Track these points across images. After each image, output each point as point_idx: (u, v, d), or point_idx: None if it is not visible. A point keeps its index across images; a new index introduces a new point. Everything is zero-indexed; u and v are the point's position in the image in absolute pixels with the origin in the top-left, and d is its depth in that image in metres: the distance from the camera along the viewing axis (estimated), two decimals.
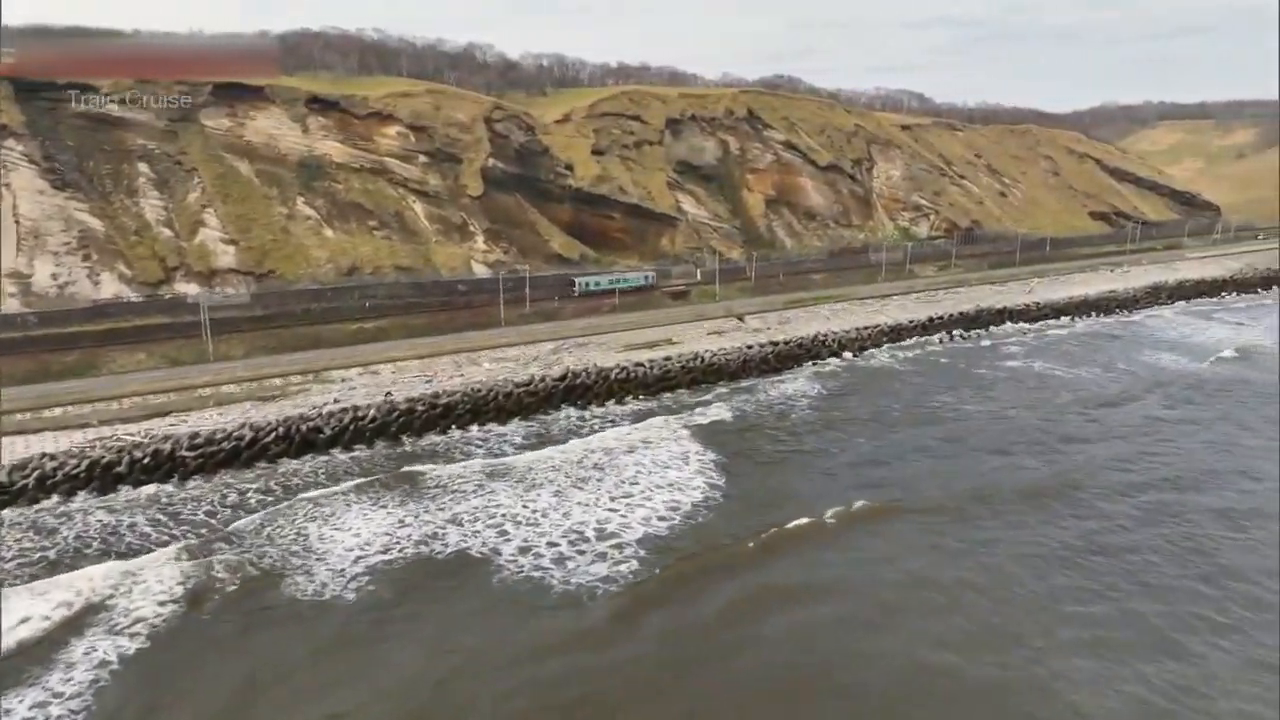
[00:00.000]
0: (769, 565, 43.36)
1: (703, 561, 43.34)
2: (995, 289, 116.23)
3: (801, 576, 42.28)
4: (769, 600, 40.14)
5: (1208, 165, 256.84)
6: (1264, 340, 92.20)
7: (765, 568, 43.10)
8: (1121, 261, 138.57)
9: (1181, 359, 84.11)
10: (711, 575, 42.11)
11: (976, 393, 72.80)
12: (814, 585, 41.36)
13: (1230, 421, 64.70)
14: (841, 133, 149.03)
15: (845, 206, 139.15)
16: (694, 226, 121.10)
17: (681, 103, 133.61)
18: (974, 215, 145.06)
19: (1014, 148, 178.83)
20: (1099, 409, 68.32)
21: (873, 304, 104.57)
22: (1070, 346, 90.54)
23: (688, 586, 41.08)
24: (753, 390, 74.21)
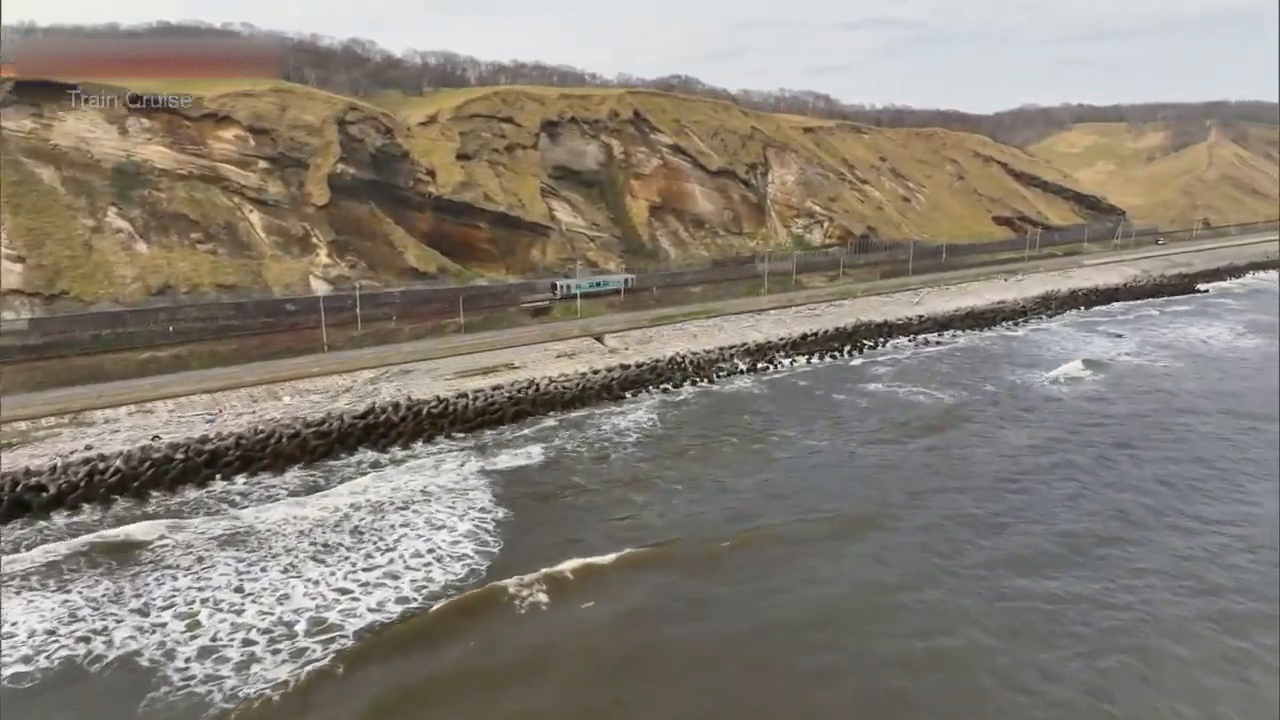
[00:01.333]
0: (485, 653, 36.50)
1: (414, 663, 36.05)
2: (882, 300, 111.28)
3: (504, 658, 35.78)
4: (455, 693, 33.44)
5: (1120, 167, 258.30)
6: (1132, 355, 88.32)
7: (480, 654, 36.21)
8: (1018, 269, 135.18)
9: (1045, 379, 79.33)
10: (411, 670, 34.97)
11: (825, 424, 66.70)
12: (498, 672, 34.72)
13: (1058, 453, 59.64)
14: (736, 136, 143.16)
15: (737, 213, 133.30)
16: (568, 236, 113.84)
17: (561, 104, 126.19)
18: (871, 222, 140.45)
19: (920, 151, 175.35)
20: (947, 440, 62.71)
21: (748, 320, 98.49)
22: (943, 366, 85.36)
23: (371, 688, 33.97)
24: (583, 424, 67.14)
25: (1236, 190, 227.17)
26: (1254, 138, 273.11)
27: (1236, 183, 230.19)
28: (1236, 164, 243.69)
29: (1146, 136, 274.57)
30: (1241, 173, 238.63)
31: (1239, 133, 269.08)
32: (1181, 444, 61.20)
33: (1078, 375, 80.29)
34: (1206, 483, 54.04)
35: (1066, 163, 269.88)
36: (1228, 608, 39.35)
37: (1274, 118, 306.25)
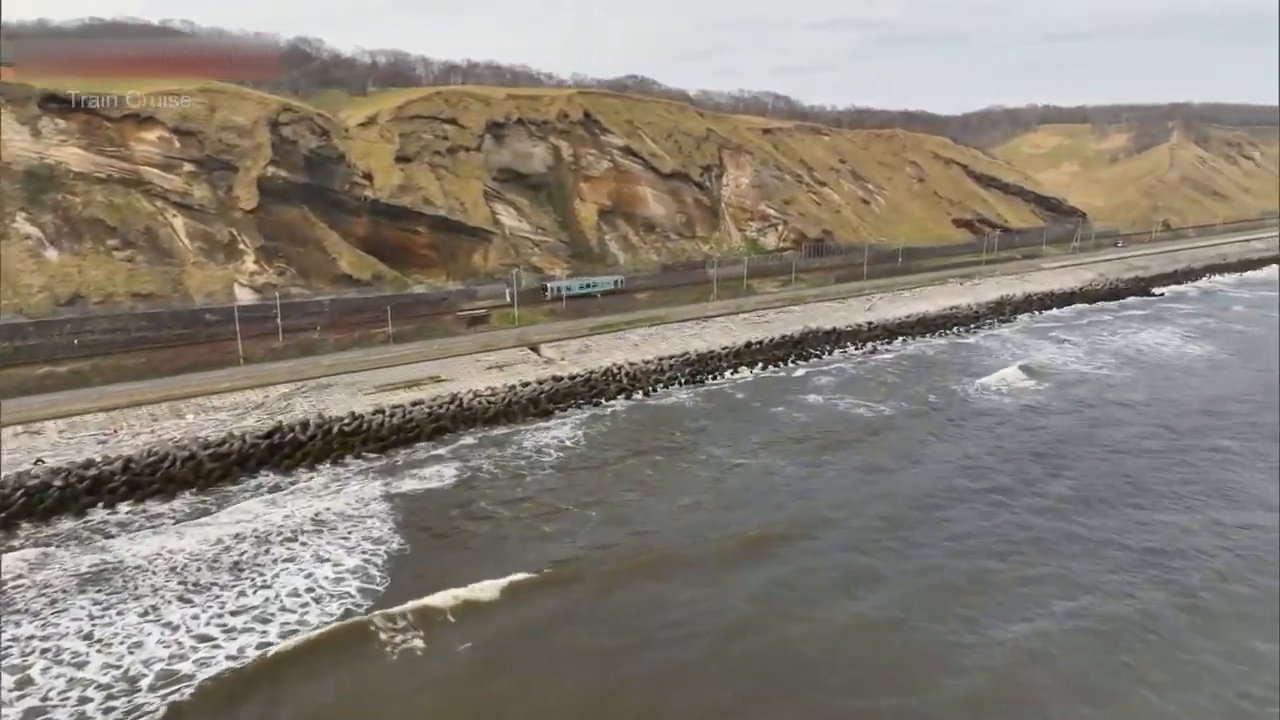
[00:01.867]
0: (336, 706, 33.38)
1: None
2: (834, 306, 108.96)
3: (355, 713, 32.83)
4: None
5: (1084, 169, 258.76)
6: (1079, 363, 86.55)
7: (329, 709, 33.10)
8: (975, 273, 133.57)
9: (988, 390, 77.22)
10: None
11: (756, 441, 64.01)
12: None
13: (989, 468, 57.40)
14: (691, 138, 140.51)
15: (689, 217, 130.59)
16: (512, 241, 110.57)
17: (508, 105, 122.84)
18: (827, 225, 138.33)
19: (880, 153, 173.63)
20: (875, 458, 60.26)
21: (693, 327, 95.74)
22: (889, 375, 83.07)
23: None
24: (505, 441, 64.01)
25: (1196, 192, 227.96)
26: (1215, 139, 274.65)
27: (1197, 184, 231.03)
28: (1197, 165, 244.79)
29: (1110, 138, 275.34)
30: (1202, 174, 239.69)
31: (1200, 134, 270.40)
32: (1112, 461, 59.13)
33: (1021, 385, 78.38)
34: (1131, 504, 51.91)
35: (1032, 164, 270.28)
36: (1125, 662, 36.92)
37: (1234, 119, 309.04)
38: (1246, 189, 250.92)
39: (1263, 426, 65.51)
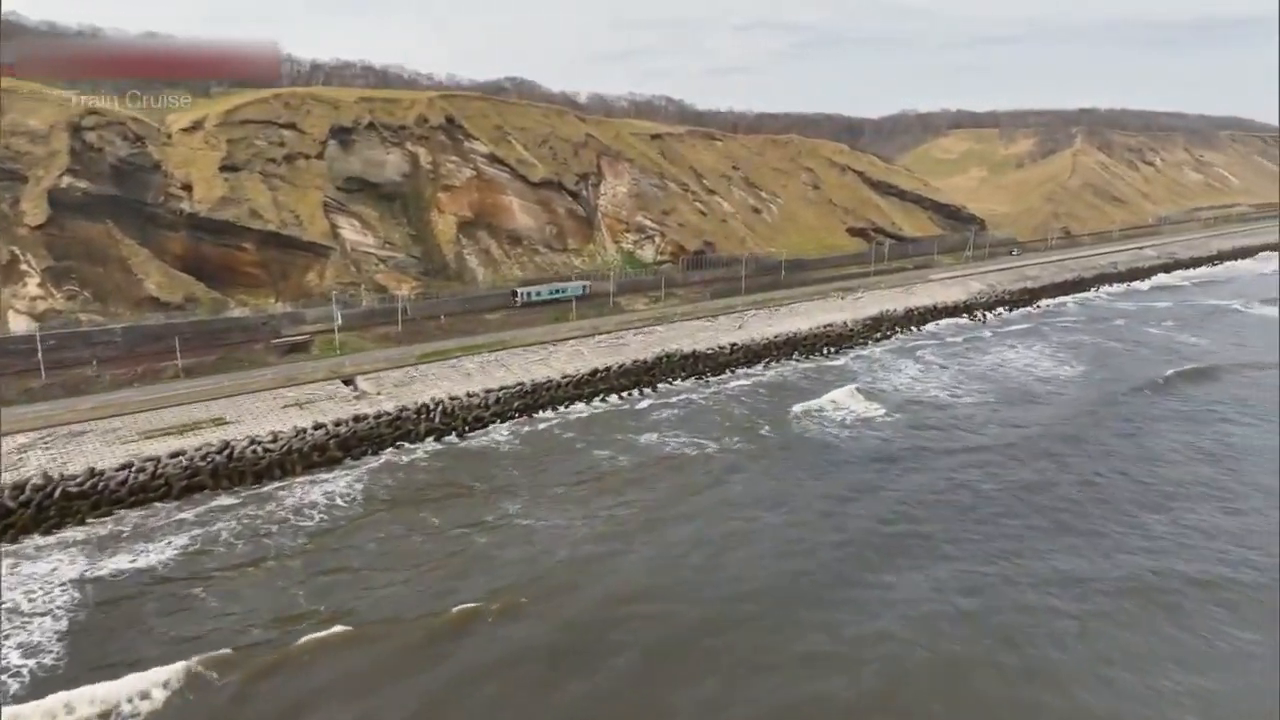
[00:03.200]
0: None
1: None
2: (701, 325, 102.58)
3: None
4: None
5: (991, 174, 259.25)
6: (941, 388, 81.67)
7: None
8: (861, 285, 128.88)
9: (833, 423, 71.51)
10: None
11: (559, 494, 56.87)
12: None
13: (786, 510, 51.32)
14: (569, 144, 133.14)
15: (561, 229, 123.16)
16: (353, 257, 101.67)
17: (358, 108, 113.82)
18: (709, 236, 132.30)
19: (776, 159, 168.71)
20: (675, 511, 53.62)
21: (540, 352, 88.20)
22: (736, 407, 76.88)
23: None
24: (269, 499, 55.67)
25: (1097, 198, 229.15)
26: (1118, 144, 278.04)
27: (1098, 190, 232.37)
28: (1099, 171, 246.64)
29: (1017, 143, 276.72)
30: (1103, 180, 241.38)
31: (1104, 140, 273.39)
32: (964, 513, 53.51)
33: (867, 415, 72.91)
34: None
35: (941, 169, 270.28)
36: None
37: (1138, 125, 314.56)
38: (1146, 194, 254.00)
39: (1077, 486, 59.78)
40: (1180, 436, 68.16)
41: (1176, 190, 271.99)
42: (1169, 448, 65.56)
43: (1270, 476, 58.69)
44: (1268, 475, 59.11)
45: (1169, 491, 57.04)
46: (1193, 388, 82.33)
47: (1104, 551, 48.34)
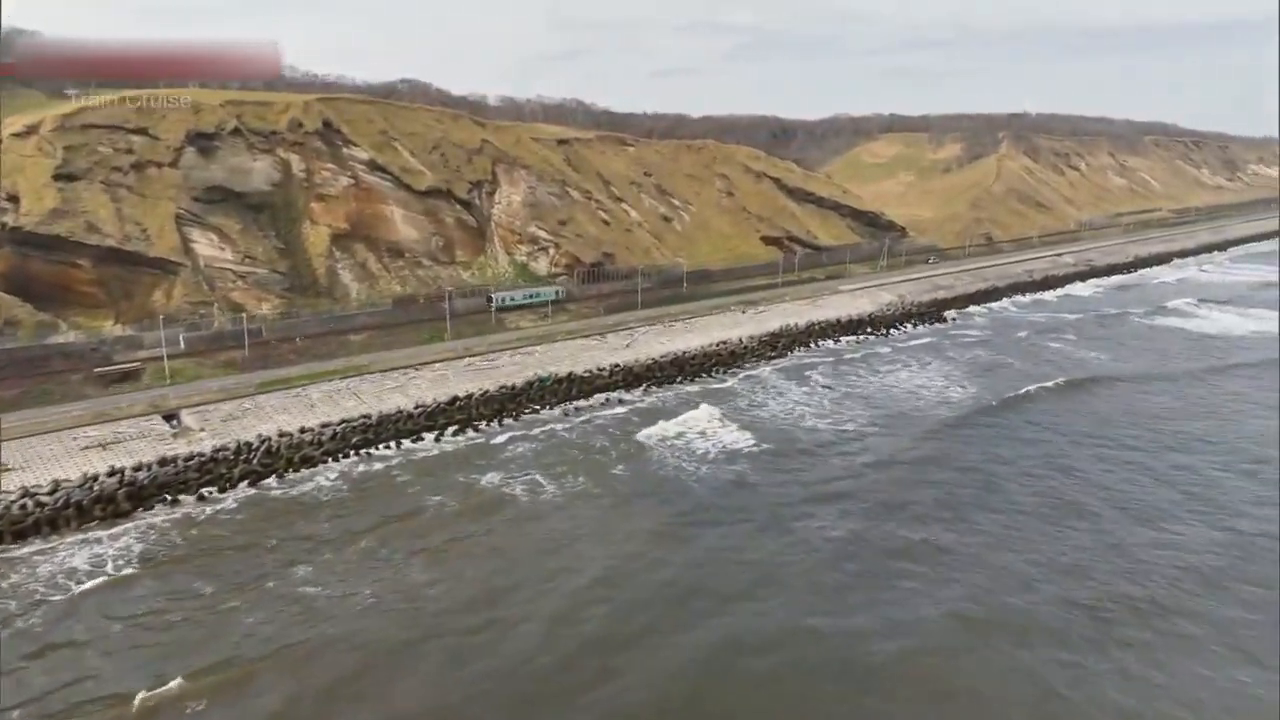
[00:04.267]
0: None
1: None
2: (587, 344, 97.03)
3: None
4: None
5: (919, 179, 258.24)
6: (820, 415, 77.19)
7: None
8: (768, 297, 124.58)
9: (695, 458, 66.48)
10: None
11: (362, 549, 50.75)
12: None
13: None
14: (462, 150, 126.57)
15: (449, 240, 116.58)
16: (207, 274, 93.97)
17: (221, 112, 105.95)
18: (610, 246, 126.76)
19: (689, 165, 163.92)
20: (500, 580, 47.97)
21: (399, 378, 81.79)
22: (600, 439, 71.43)
23: None
24: (17, 565, 48.50)
25: (1021, 203, 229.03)
26: (1045, 149, 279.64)
27: (1021, 196, 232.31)
28: (1025, 176, 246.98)
29: (946, 147, 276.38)
30: (1028, 185, 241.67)
31: (1030, 144, 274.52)
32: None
33: (734, 446, 68.13)
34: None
35: (870, 173, 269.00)
36: None
37: (1065, 130, 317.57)
38: (1070, 199, 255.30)
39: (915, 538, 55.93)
40: (1033, 459, 65.74)
41: (1100, 195, 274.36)
42: (1021, 474, 62.46)
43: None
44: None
45: (1005, 536, 53.18)
46: (1066, 406, 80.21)
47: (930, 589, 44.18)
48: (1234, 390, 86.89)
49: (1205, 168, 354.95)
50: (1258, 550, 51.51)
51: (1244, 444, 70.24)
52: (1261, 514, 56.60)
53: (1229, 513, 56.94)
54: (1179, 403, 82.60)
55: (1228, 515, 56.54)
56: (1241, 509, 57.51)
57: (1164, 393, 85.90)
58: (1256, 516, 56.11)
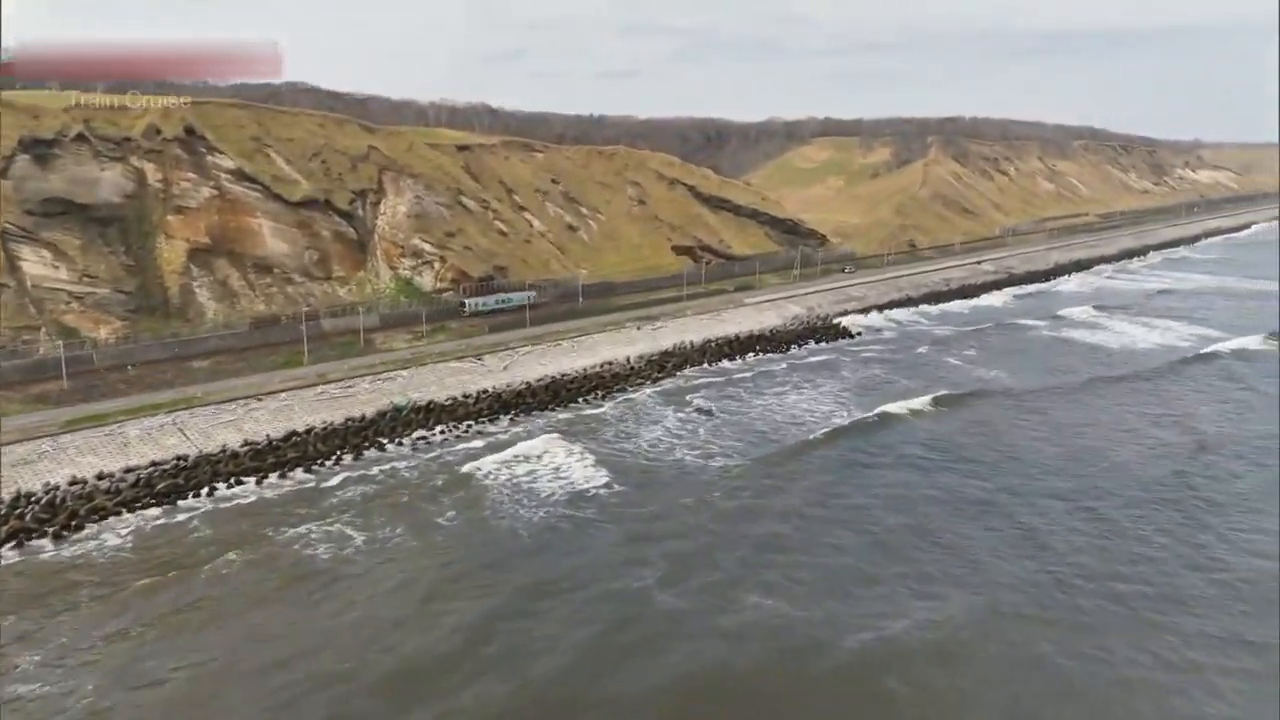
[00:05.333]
0: None
1: None
2: (462, 367, 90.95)
3: None
4: None
5: (848, 184, 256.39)
6: (691, 448, 72.17)
7: None
8: (669, 311, 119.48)
9: (526, 503, 61.02)
10: None
11: (116, 635, 44.33)
12: None
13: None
14: (346, 157, 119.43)
15: (325, 254, 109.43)
16: (35, 296, 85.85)
17: (65, 118, 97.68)
18: (504, 259, 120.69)
19: (600, 172, 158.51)
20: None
21: (234, 410, 74.79)
22: (441, 479, 65.43)
23: None
24: None
25: (947, 209, 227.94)
26: (974, 154, 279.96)
27: (948, 201, 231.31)
28: (952, 181, 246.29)
29: (876, 152, 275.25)
30: (955, 190, 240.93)
31: (959, 149, 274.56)
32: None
33: (583, 487, 62.87)
34: None
35: (801, 177, 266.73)
36: None
37: (996, 134, 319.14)
38: (998, 205, 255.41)
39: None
40: (880, 493, 62.53)
41: (1029, 200, 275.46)
42: (860, 515, 58.32)
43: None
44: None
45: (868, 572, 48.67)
46: (933, 430, 77.27)
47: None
48: (1110, 406, 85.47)
49: (1133, 172, 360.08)
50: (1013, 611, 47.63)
51: (1089, 467, 67.52)
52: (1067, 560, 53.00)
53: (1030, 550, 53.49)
54: (1050, 421, 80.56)
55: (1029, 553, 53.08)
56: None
57: (1042, 410, 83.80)
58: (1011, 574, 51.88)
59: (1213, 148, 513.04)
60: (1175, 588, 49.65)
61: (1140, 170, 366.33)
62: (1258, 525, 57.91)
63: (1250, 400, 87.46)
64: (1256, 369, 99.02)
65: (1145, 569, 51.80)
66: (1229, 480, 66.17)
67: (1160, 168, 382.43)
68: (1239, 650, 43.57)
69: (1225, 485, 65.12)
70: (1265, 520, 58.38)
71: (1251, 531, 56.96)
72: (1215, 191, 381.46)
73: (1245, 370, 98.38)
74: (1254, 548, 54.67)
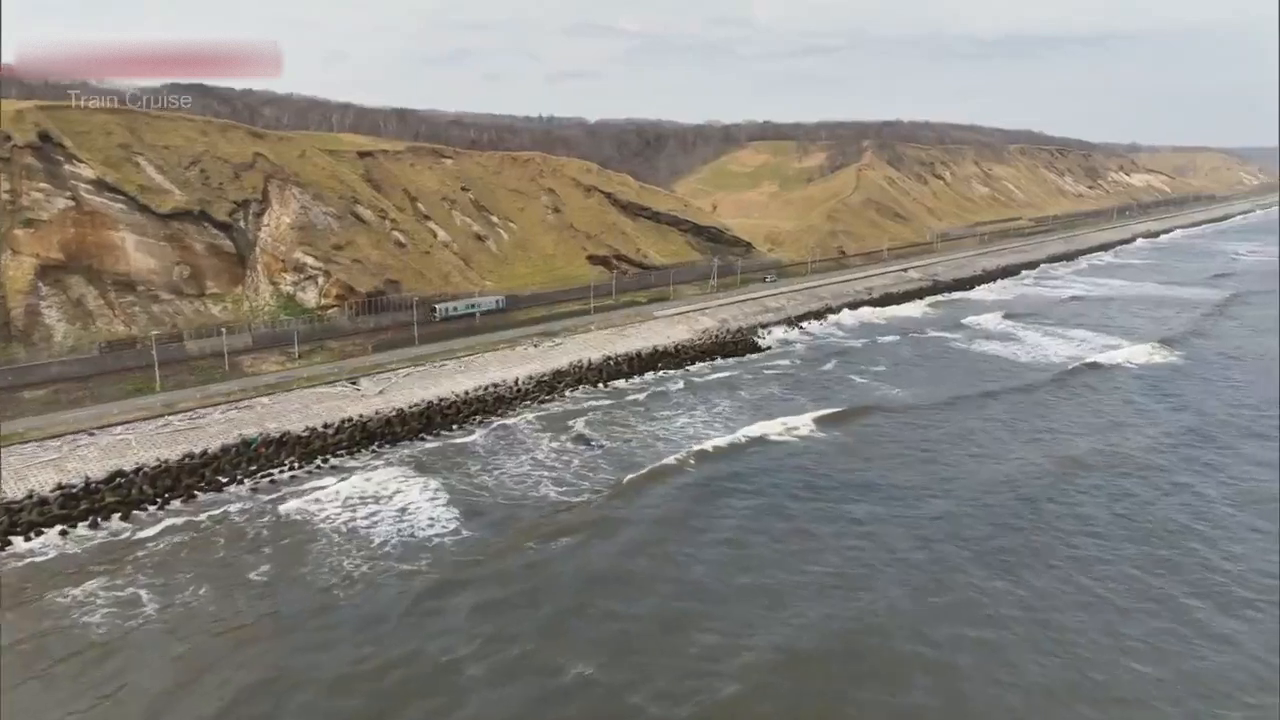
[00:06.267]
0: None
1: None
2: (332, 392, 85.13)
3: None
4: None
5: (782, 189, 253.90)
6: (558, 484, 67.43)
7: None
8: (570, 327, 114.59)
9: (389, 555, 55.83)
10: None
11: None
12: None
13: None
14: (228, 165, 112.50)
15: (198, 270, 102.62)
16: None
17: None
18: (398, 273, 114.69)
19: (515, 180, 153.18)
20: None
21: (57, 450, 68.15)
22: (268, 527, 59.64)
23: None
24: None
25: (879, 214, 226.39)
26: (909, 158, 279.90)
27: (880, 206, 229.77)
28: (885, 187, 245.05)
29: (812, 156, 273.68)
30: (888, 196, 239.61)
31: (894, 154, 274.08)
32: None
33: (432, 533, 57.52)
34: None
35: (736, 182, 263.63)
36: None
37: (931, 138, 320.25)
38: (932, 210, 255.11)
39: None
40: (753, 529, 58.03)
41: (963, 204, 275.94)
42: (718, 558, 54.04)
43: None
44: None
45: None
46: (813, 455, 73.52)
47: None
48: (991, 422, 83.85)
49: (1069, 175, 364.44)
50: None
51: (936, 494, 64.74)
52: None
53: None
54: (925, 439, 78.85)
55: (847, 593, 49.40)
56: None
57: (925, 426, 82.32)
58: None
59: (1149, 152, 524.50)
60: (985, 643, 46.12)
61: (1076, 174, 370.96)
62: (1098, 555, 55.72)
63: (1118, 414, 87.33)
64: (1143, 381, 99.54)
65: (964, 610, 48.80)
66: (1080, 504, 64.29)
67: (1095, 171, 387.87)
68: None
69: (1074, 510, 63.23)
70: (1103, 548, 56.22)
71: (1077, 566, 54.40)
72: (1148, 195, 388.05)
73: (1131, 382, 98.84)
74: (1074, 597, 51.32)
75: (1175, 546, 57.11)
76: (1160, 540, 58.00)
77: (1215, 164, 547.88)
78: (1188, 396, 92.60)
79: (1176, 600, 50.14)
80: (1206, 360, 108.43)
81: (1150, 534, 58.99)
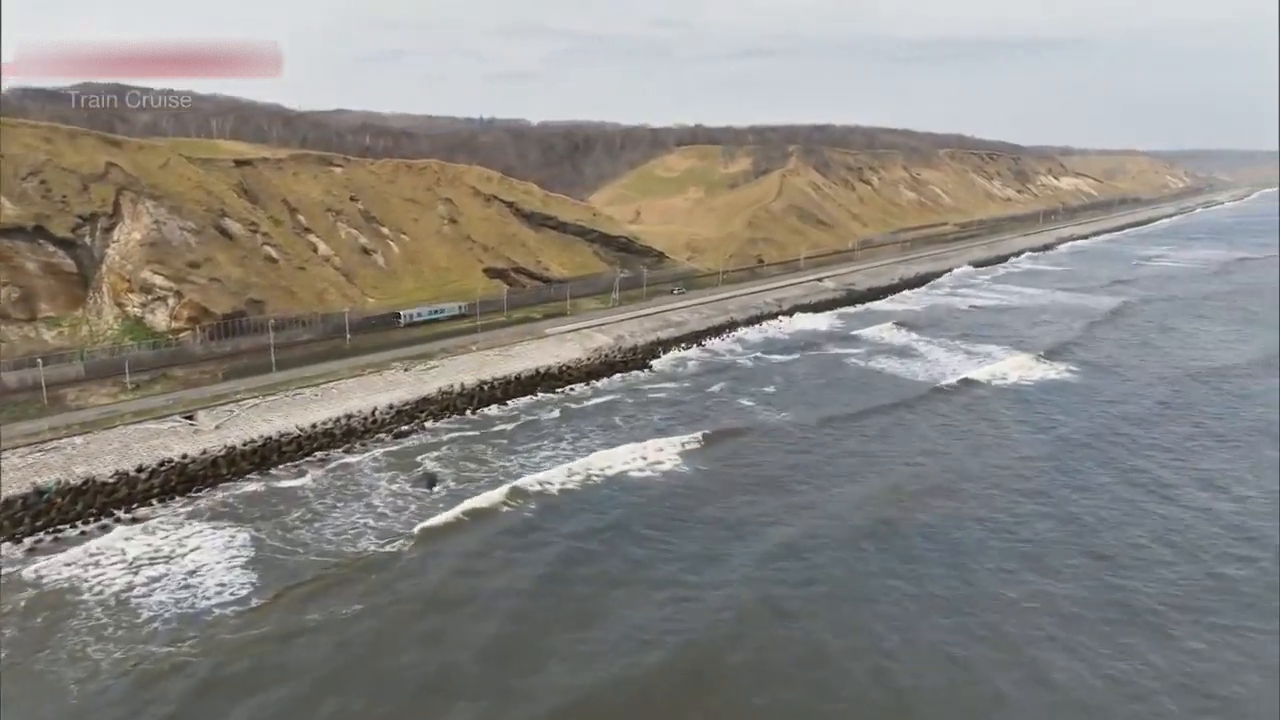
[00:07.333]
0: None
1: None
2: (164, 428, 77.93)
3: None
4: None
5: (707, 195, 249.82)
6: (378, 541, 61.41)
7: None
8: (449, 348, 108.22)
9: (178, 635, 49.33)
10: None
11: None
12: None
13: None
14: (76, 176, 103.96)
15: (30, 291, 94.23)
16: None
17: None
18: (262, 292, 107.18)
19: (409, 188, 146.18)
20: None
21: None
22: (41, 601, 52.59)
23: None
24: None
25: (802, 221, 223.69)
26: (836, 163, 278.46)
27: (803, 213, 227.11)
28: (809, 193, 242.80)
29: (738, 161, 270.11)
30: (811, 202, 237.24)
31: (821, 159, 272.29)
32: None
33: (219, 601, 51.04)
34: None
35: (662, 187, 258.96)
36: None
37: (863, 142, 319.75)
38: (857, 215, 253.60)
39: None
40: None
41: (890, 210, 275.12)
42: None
43: None
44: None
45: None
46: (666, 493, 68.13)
47: None
48: (861, 442, 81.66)
49: (998, 179, 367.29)
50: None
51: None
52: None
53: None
54: (790, 464, 76.01)
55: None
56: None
57: (805, 450, 79.49)
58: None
59: (1080, 155, 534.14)
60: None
61: (1005, 178, 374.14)
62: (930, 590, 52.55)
63: (983, 431, 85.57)
64: (1023, 394, 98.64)
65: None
66: (928, 537, 61.21)
67: (1024, 175, 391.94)
68: None
69: (923, 542, 60.12)
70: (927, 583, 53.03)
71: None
72: (1076, 198, 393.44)
73: (1002, 400, 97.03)
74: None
75: (993, 581, 54.50)
76: (976, 572, 55.24)
77: (1143, 167, 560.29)
78: (1054, 415, 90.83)
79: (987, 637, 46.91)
80: (1082, 375, 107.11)
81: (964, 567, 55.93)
